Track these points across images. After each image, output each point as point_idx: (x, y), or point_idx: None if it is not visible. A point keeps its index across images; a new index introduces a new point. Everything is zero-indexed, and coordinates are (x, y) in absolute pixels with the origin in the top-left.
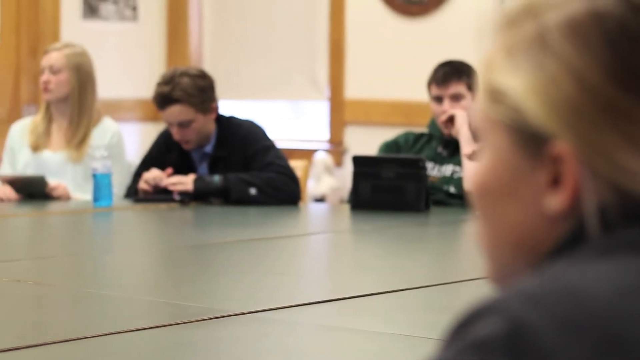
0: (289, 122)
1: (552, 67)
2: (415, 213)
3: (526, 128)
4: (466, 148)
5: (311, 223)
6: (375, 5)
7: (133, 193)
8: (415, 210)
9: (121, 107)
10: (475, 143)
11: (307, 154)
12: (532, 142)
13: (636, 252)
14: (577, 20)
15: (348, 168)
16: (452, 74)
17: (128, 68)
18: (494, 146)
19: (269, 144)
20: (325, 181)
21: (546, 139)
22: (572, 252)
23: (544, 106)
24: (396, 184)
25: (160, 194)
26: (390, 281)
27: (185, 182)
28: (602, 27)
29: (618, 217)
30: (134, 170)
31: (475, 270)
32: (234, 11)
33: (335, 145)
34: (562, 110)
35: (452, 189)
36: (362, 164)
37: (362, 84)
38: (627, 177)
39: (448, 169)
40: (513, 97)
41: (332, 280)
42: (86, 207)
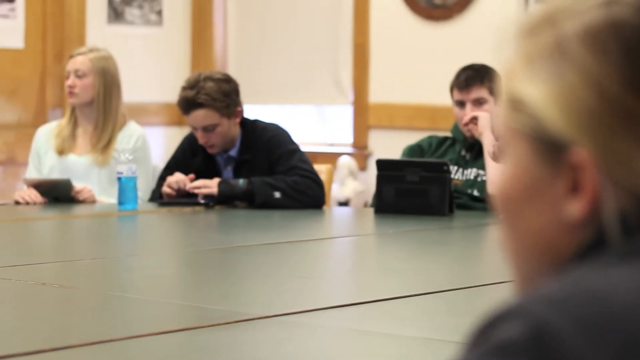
0: (313, 126)
1: (571, 76)
2: (439, 217)
3: (546, 136)
4: (489, 148)
5: (335, 226)
6: (399, 9)
7: (158, 197)
8: (439, 213)
9: (146, 111)
10: (497, 144)
11: (331, 158)
12: (552, 151)
13: None
14: (595, 28)
15: (372, 172)
16: (474, 79)
17: (153, 72)
18: (515, 155)
19: (294, 148)
20: (349, 185)
21: (565, 147)
22: (593, 258)
23: (563, 114)
24: (420, 188)
25: (184, 198)
26: (413, 285)
27: (210, 186)
28: (620, 36)
29: (637, 223)
30: (159, 174)
31: (498, 273)
32: (259, 16)
33: (359, 149)
34: (581, 118)
35: (476, 193)
36: (386, 168)
37: (386, 88)
38: None
39: (472, 173)
40: (532, 106)
41: (356, 283)
42: (111, 211)
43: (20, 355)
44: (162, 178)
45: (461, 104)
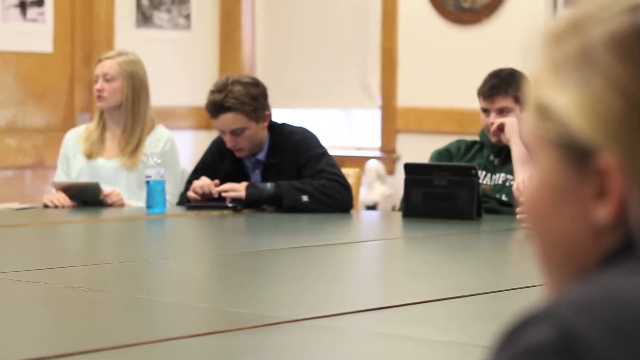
0: (342, 130)
1: (597, 82)
2: (467, 221)
3: (573, 143)
4: (517, 151)
5: (363, 230)
6: (427, 13)
7: (186, 200)
8: (467, 218)
9: (174, 115)
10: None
11: (360, 162)
12: (579, 157)
13: None
14: (621, 34)
15: (400, 176)
16: (499, 89)
17: (181, 76)
18: (543, 162)
19: (322, 151)
20: (377, 189)
21: (592, 153)
22: (620, 263)
23: (590, 121)
24: (448, 192)
25: (212, 201)
26: (441, 289)
27: (237, 189)
28: None
29: None
30: (187, 177)
31: (526, 278)
32: (287, 19)
33: (387, 152)
34: (608, 124)
35: (504, 197)
36: (414, 172)
37: (414, 92)
38: None
39: (500, 177)
40: (559, 114)
41: (384, 287)
42: (139, 214)
43: (49, 358)
44: (190, 182)
45: (487, 111)
